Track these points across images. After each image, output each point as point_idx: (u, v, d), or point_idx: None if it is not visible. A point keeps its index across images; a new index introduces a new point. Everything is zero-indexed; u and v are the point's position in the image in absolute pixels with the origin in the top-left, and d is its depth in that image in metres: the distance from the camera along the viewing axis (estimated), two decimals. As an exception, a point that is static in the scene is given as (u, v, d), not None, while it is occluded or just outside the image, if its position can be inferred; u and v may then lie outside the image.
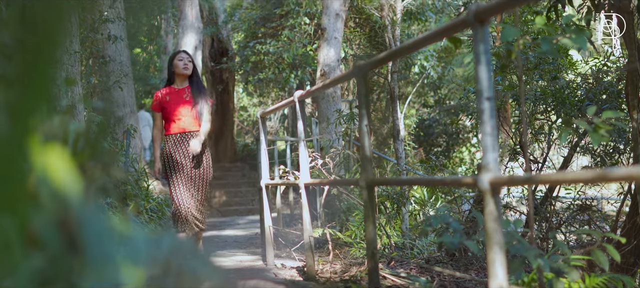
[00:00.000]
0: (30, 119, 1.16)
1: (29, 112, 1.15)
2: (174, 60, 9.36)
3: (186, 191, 9.11)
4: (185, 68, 9.29)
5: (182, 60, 9.32)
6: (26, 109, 1.15)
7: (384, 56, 4.85)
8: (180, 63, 9.30)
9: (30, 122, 1.16)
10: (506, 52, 5.08)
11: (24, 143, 1.16)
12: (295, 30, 20.07)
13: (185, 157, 9.14)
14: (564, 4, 7.09)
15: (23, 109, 1.15)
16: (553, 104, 9.71)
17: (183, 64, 9.28)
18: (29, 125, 1.16)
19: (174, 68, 9.35)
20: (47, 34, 1.16)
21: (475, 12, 3.21)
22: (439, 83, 25.58)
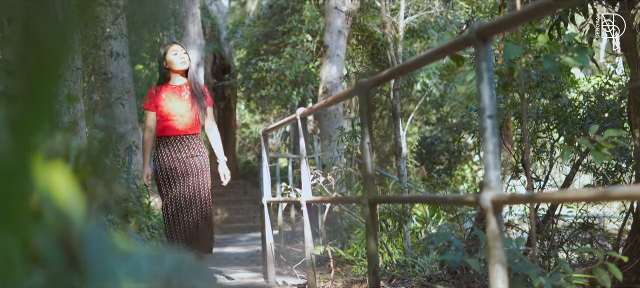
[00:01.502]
0: (32, 136, 1.15)
1: (32, 129, 1.15)
2: (166, 55, 8.30)
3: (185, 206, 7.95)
4: (182, 62, 8.28)
5: (176, 54, 8.27)
6: (29, 126, 1.15)
7: (386, 74, 4.86)
8: (175, 58, 8.25)
9: (32, 139, 1.15)
10: (508, 70, 5.08)
11: (27, 160, 1.16)
12: (298, 47, 20.11)
13: (184, 164, 8.09)
14: (566, 22, 7.10)
15: (26, 126, 1.15)
16: (555, 122, 9.70)
17: (180, 59, 8.27)
18: (31, 142, 1.15)
19: (169, 64, 8.29)
20: (50, 51, 1.16)
21: (477, 30, 3.21)
22: (441, 101, 25.59)
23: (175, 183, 8.08)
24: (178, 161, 8.11)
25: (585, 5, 6.93)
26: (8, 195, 1.13)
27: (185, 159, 8.14)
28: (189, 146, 8.23)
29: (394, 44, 14.32)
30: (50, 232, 1.24)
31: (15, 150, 1.13)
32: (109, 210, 1.79)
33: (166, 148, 8.17)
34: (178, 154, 8.14)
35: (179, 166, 8.10)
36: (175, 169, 8.09)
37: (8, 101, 1.19)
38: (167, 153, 8.15)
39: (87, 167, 1.63)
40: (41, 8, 1.27)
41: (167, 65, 8.33)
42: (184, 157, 8.14)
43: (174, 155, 8.14)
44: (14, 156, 1.13)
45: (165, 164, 8.12)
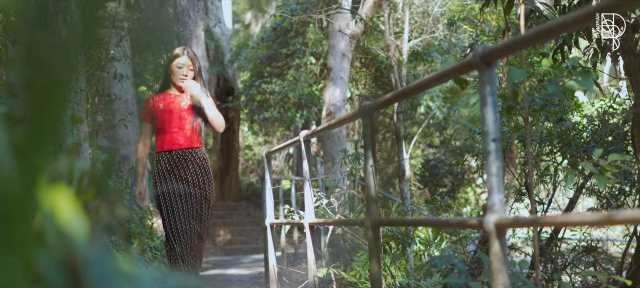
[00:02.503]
0: (37, 159, 1.15)
1: (37, 153, 1.15)
2: (172, 63, 7.60)
3: (184, 224, 7.31)
4: (181, 79, 7.55)
5: (181, 68, 7.55)
6: (34, 149, 1.15)
7: (390, 97, 4.86)
8: (177, 70, 7.53)
9: (37, 162, 1.15)
10: (512, 94, 5.08)
11: (32, 183, 1.16)
12: (301, 69, 20.13)
13: (182, 180, 7.36)
14: (570, 45, 7.11)
15: (31, 149, 1.15)
16: (559, 145, 9.70)
17: (181, 74, 7.55)
18: (36, 165, 1.15)
19: (171, 74, 7.62)
20: (55, 75, 1.17)
21: (481, 54, 3.22)
22: (445, 123, 25.59)
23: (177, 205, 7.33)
24: (179, 179, 7.38)
25: (589, 30, 6.93)
26: (12, 217, 1.13)
27: (187, 176, 7.38)
28: (191, 162, 7.42)
29: (397, 67, 14.33)
30: (53, 254, 1.24)
31: (20, 173, 1.13)
32: (112, 231, 1.79)
33: (165, 165, 7.42)
34: (178, 171, 7.39)
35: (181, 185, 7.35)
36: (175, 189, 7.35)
37: (13, 123, 1.19)
38: (167, 170, 7.40)
39: (90, 188, 1.63)
40: (45, 31, 1.27)
41: (170, 73, 7.63)
42: (185, 175, 7.38)
43: (175, 172, 7.38)
44: (19, 179, 1.13)
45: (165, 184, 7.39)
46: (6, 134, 1.17)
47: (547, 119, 9.75)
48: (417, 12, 17.82)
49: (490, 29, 17.18)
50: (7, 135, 1.17)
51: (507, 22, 6.79)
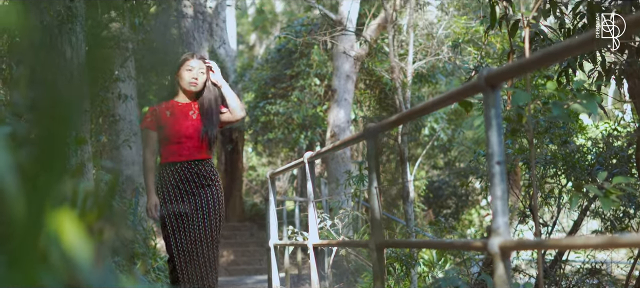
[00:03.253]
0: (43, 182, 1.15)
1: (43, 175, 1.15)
2: (181, 68, 6.94)
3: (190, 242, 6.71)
4: (192, 83, 6.90)
5: (191, 71, 6.89)
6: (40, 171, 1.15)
7: (394, 119, 4.86)
8: (187, 75, 6.87)
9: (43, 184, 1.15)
10: (517, 116, 5.08)
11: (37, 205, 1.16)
12: (306, 91, 20.16)
13: (190, 194, 6.76)
14: (574, 68, 7.11)
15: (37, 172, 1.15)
16: (563, 167, 9.70)
17: (191, 77, 6.88)
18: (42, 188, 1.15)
19: (180, 79, 6.95)
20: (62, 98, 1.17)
21: (486, 77, 3.22)
22: (449, 145, 25.59)
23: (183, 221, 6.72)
24: (186, 194, 6.78)
25: (593, 53, 6.94)
26: (18, 239, 1.12)
27: (195, 190, 6.78)
28: (198, 174, 6.82)
29: (402, 89, 14.34)
30: (58, 276, 1.24)
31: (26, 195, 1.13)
32: (115, 252, 1.79)
33: (171, 178, 6.81)
34: (186, 185, 6.79)
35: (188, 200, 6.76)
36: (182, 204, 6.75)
37: (17, 144, 1.19)
38: (173, 184, 6.80)
39: (94, 210, 1.63)
40: (50, 52, 1.27)
41: (179, 78, 6.95)
42: (193, 188, 6.78)
43: (181, 186, 6.78)
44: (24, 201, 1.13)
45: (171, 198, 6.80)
46: (11, 155, 1.17)
47: (551, 141, 9.75)
48: (422, 34, 17.87)
49: (495, 51, 17.21)
50: (12, 156, 1.17)
51: (512, 45, 6.80)
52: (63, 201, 1.27)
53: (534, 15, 6.52)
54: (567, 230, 11.36)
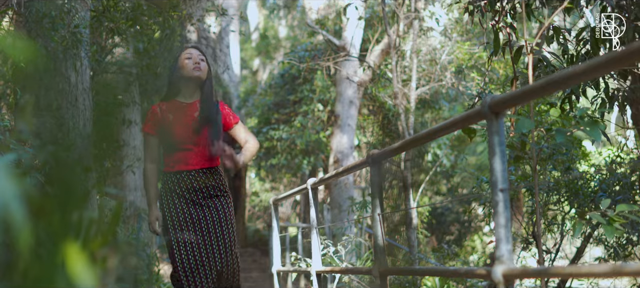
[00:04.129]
0: (56, 219, 1.16)
1: (57, 214, 1.16)
2: (180, 58, 6.31)
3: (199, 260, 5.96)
4: (196, 68, 6.20)
5: (190, 58, 6.21)
6: (55, 210, 1.16)
7: (398, 146, 4.86)
8: (188, 62, 6.20)
9: (55, 222, 1.16)
10: (520, 144, 5.08)
11: (48, 243, 1.16)
12: (309, 116, 20.18)
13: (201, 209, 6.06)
14: (578, 95, 7.12)
15: (51, 210, 1.16)
16: (566, 194, 9.69)
17: (193, 63, 6.19)
18: (54, 226, 1.16)
19: (181, 69, 6.24)
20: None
21: (490, 104, 3.22)
22: (452, 171, 25.58)
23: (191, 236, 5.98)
24: (193, 205, 6.09)
25: (596, 79, 6.95)
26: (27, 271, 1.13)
27: (202, 202, 6.11)
28: (206, 184, 6.13)
29: (405, 115, 14.35)
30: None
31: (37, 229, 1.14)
32: (119, 279, 1.79)
33: (176, 189, 6.11)
34: (192, 195, 6.09)
35: (195, 212, 6.07)
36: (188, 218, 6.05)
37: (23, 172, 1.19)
38: (177, 195, 6.11)
39: (98, 238, 1.63)
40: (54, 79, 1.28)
41: (180, 70, 6.25)
42: (200, 199, 6.11)
43: (187, 196, 6.08)
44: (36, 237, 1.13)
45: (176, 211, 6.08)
46: (17, 185, 1.17)
47: (554, 168, 9.75)
48: (425, 60, 17.88)
49: (498, 77, 17.21)
50: (18, 185, 1.17)
51: (515, 71, 6.81)
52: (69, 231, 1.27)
53: (537, 42, 6.53)
54: (570, 257, 11.34)
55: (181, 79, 6.28)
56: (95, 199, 9.57)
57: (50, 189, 1.21)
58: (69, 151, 1.28)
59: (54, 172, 1.23)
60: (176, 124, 6.21)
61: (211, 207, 6.17)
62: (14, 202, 1.14)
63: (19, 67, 6.74)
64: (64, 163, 1.24)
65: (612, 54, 2.57)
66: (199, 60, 6.25)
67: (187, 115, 6.24)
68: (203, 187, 6.18)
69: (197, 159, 6.18)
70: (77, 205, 1.48)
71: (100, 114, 11.67)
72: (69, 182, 1.24)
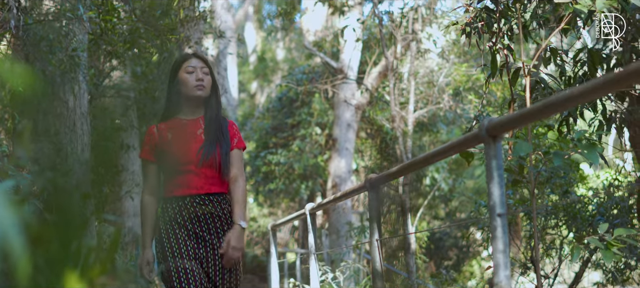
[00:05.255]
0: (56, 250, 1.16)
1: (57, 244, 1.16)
2: (178, 72, 5.42)
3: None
4: (199, 86, 5.32)
5: (193, 72, 5.34)
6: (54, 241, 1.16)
7: (396, 170, 4.86)
8: (190, 77, 5.34)
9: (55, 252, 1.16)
10: (518, 167, 5.08)
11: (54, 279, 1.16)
12: (307, 140, 20.18)
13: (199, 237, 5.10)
14: (575, 117, 7.12)
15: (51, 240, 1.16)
16: (564, 218, 9.69)
17: (195, 79, 5.33)
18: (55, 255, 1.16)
19: (181, 85, 5.38)
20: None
21: (487, 128, 3.22)
22: (450, 195, 25.58)
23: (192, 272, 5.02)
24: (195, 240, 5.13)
25: (594, 101, 6.95)
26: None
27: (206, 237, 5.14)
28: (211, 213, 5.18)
29: (403, 138, 14.36)
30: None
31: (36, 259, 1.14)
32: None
33: (176, 217, 5.19)
34: (195, 226, 5.15)
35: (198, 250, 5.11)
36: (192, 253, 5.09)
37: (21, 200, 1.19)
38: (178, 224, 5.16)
39: (96, 266, 1.63)
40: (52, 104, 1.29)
41: (180, 85, 5.39)
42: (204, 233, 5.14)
43: (189, 227, 5.14)
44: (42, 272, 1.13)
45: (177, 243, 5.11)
46: (16, 213, 1.17)
47: (552, 192, 9.75)
48: (423, 82, 17.92)
49: (496, 99, 17.23)
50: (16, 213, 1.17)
51: (513, 93, 6.82)
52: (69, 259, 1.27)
53: (534, 64, 6.54)
54: (568, 282, 11.32)
55: (181, 97, 5.39)
56: (93, 226, 9.54)
57: (48, 216, 1.21)
58: (67, 177, 1.28)
59: (53, 198, 1.23)
60: (176, 143, 5.30)
61: (216, 248, 5.14)
62: (12, 229, 1.14)
63: (17, 92, 6.74)
64: (62, 190, 1.24)
65: (610, 75, 2.58)
66: (202, 75, 5.36)
67: (188, 133, 5.32)
68: (208, 217, 5.17)
69: (201, 183, 5.20)
70: (75, 232, 1.47)
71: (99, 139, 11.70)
72: (68, 208, 1.24)
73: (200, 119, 5.41)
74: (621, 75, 2.57)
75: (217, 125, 5.38)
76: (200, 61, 5.46)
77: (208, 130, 5.34)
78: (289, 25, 23.27)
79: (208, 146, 5.26)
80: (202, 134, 5.33)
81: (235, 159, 5.42)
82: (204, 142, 5.28)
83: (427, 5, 16.62)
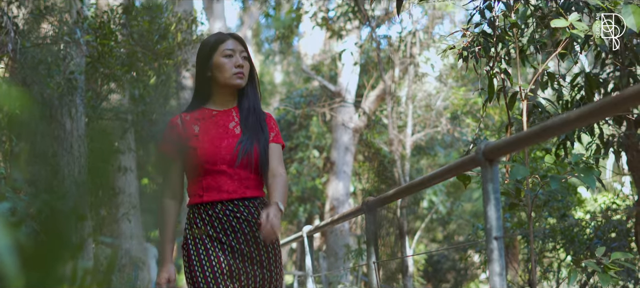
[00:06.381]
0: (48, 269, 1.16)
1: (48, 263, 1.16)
2: (213, 55, 4.40)
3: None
4: (238, 74, 4.36)
5: (231, 56, 4.36)
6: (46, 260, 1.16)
7: (393, 193, 4.87)
8: (228, 63, 4.35)
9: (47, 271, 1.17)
10: (515, 191, 5.09)
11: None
12: (305, 163, 20.18)
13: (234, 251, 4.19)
14: (572, 141, 7.12)
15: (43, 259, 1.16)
16: (562, 242, 9.68)
17: (234, 65, 4.35)
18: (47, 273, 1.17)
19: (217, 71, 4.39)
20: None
21: (484, 152, 3.22)
22: (448, 218, 25.57)
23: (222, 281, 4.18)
24: (231, 254, 4.22)
25: (591, 125, 6.96)
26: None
27: (244, 249, 4.24)
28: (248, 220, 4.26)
29: (401, 161, 14.36)
30: None
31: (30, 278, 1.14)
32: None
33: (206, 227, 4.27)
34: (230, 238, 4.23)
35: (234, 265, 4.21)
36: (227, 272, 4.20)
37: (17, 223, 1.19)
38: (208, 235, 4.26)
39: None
40: (50, 126, 1.29)
41: (214, 69, 4.41)
42: (241, 245, 4.24)
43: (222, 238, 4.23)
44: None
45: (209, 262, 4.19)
46: (10, 235, 1.17)
47: (550, 215, 9.74)
48: (420, 106, 17.94)
49: (493, 123, 17.26)
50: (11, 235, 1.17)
51: (510, 117, 6.82)
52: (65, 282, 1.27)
53: (531, 88, 6.54)
54: (566, 304, 11.30)
55: (215, 84, 4.46)
56: (90, 248, 9.51)
57: (44, 238, 1.21)
58: (64, 199, 1.28)
59: (49, 220, 1.23)
60: (205, 138, 4.36)
61: (255, 261, 4.28)
62: (7, 251, 1.14)
63: (14, 115, 6.75)
64: (58, 212, 1.24)
65: (607, 100, 2.58)
66: (242, 59, 4.41)
67: (219, 126, 4.41)
68: (244, 226, 4.25)
69: (234, 185, 4.30)
70: (72, 254, 1.47)
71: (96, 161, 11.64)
72: (64, 231, 1.24)
73: (234, 110, 4.48)
74: (618, 99, 2.58)
75: (255, 117, 4.48)
76: (238, 43, 4.46)
77: (245, 124, 4.43)
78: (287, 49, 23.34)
79: (246, 142, 4.36)
80: (236, 127, 4.42)
81: (274, 155, 4.51)
82: (241, 137, 4.37)
83: (424, 30, 16.67)
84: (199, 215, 4.29)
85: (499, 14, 5.95)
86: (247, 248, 4.24)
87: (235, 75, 4.34)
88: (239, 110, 4.49)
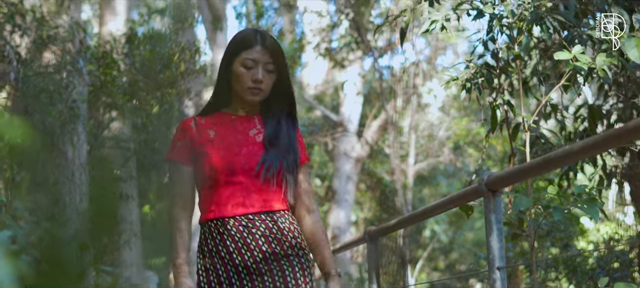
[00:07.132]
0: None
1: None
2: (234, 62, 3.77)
3: None
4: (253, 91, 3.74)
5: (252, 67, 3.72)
6: None
7: (395, 223, 4.86)
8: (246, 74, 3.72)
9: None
10: (518, 221, 5.07)
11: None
12: (307, 191, 20.17)
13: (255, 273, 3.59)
14: (575, 172, 7.11)
15: None
16: (565, 272, 9.65)
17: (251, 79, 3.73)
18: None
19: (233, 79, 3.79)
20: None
21: (487, 182, 3.22)
22: (450, 247, 25.51)
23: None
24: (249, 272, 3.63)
25: (594, 156, 6.95)
26: None
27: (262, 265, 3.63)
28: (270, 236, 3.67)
29: (403, 191, 14.35)
30: None
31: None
32: None
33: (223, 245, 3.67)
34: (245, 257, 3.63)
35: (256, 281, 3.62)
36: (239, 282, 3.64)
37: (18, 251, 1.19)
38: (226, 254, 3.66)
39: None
40: (51, 154, 1.29)
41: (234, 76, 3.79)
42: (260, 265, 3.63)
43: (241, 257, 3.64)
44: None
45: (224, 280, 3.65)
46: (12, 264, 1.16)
47: (552, 245, 9.73)
48: (423, 136, 17.94)
49: (496, 153, 17.26)
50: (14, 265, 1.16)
51: (513, 148, 6.81)
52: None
53: (535, 119, 6.54)
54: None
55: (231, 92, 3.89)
56: (91, 276, 9.50)
57: (45, 267, 1.20)
58: (64, 227, 1.28)
59: (50, 249, 1.23)
60: (221, 145, 3.80)
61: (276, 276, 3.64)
62: (8, 280, 1.14)
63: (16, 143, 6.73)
64: (59, 240, 1.24)
65: (610, 132, 2.58)
66: (263, 74, 3.76)
67: (239, 132, 3.85)
68: (261, 242, 3.66)
69: (252, 198, 3.74)
70: (72, 283, 1.47)
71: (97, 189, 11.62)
72: (65, 259, 1.24)
73: (256, 117, 3.92)
74: (621, 131, 2.58)
75: (286, 130, 3.89)
76: (265, 53, 3.77)
77: (274, 136, 3.85)
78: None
79: (273, 157, 3.78)
80: (257, 135, 3.84)
81: (304, 177, 3.95)
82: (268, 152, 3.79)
83: (427, 61, 16.70)
84: (210, 233, 3.72)
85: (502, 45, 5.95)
86: (265, 267, 3.63)
87: (250, 90, 3.76)
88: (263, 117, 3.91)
